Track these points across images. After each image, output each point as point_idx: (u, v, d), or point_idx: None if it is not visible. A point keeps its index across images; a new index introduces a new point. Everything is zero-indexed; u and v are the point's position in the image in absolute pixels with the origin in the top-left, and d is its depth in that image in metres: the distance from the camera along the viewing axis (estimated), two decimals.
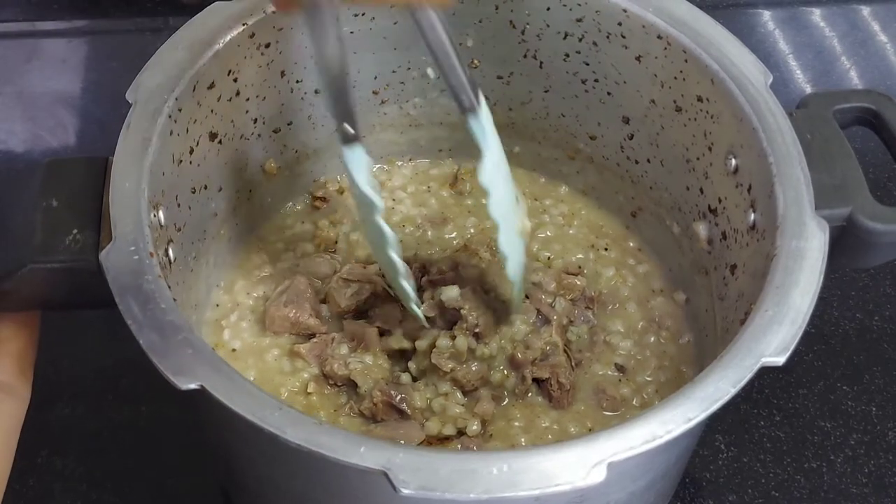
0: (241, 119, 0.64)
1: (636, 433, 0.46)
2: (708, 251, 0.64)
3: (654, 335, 0.67)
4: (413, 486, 0.44)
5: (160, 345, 0.47)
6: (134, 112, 0.55)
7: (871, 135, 0.61)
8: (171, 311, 0.48)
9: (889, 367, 0.73)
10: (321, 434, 0.45)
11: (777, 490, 0.67)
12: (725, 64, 0.59)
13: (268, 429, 0.45)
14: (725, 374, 0.48)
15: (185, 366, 0.46)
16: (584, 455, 0.45)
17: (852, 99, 0.60)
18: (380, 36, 0.67)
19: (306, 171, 0.72)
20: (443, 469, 0.44)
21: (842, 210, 0.55)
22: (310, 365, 0.64)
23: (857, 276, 0.78)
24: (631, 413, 0.64)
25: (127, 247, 0.50)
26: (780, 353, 0.48)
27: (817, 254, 0.52)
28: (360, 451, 0.44)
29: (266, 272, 0.69)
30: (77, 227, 0.53)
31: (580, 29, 0.65)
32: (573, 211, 0.74)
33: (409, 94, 0.71)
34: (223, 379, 0.46)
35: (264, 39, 0.62)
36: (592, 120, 0.70)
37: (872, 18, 0.98)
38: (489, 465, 0.45)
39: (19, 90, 0.88)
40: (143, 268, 0.50)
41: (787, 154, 0.55)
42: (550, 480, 0.44)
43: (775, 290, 0.51)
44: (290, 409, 0.46)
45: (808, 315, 0.50)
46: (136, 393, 0.69)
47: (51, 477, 0.66)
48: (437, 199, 0.75)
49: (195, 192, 0.61)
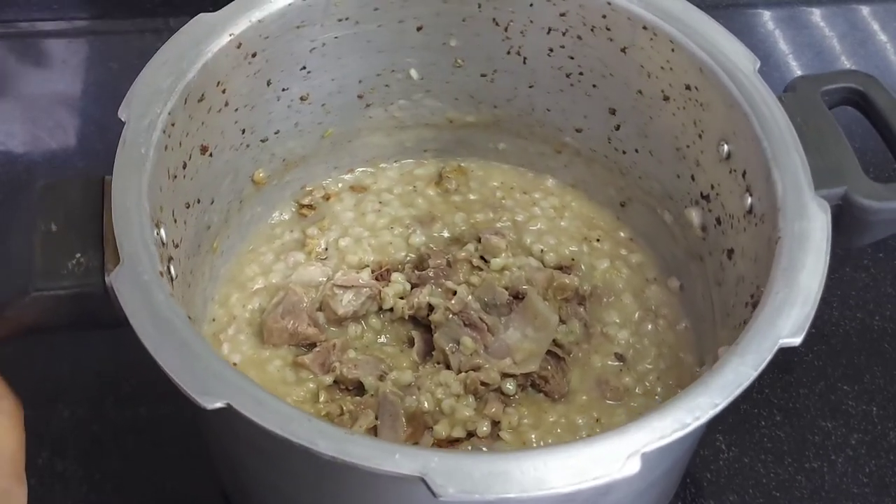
0: (230, 130, 0.63)
1: (665, 422, 0.46)
2: (702, 237, 0.65)
3: (650, 324, 0.68)
4: (451, 490, 0.43)
5: (181, 365, 0.46)
6: (128, 129, 0.54)
7: (855, 114, 0.62)
8: (188, 329, 0.48)
9: (889, 366, 0.74)
10: (353, 444, 0.45)
11: (778, 490, 0.67)
12: (713, 52, 0.60)
13: (300, 442, 0.44)
14: (744, 358, 0.48)
15: (209, 385, 0.46)
16: (616, 447, 0.45)
17: (838, 80, 0.61)
18: (364, 40, 0.67)
19: (293, 179, 0.72)
20: (478, 471, 0.44)
21: (837, 190, 0.56)
22: (314, 374, 0.64)
23: (857, 276, 0.78)
24: (635, 402, 0.64)
25: (136, 267, 0.49)
26: (796, 333, 0.49)
27: (821, 234, 0.53)
28: (395, 457, 0.44)
29: (260, 284, 0.69)
30: (79, 251, 0.52)
31: (564, 23, 0.66)
32: (563, 203, 0.74)
33: (394, 96, 0.71)
34: (248, 395, 0.46)
35: (251, 49, 0.61)
36: (579, 113, 0.70)
37: (872, 18, 0.99)
38: (523, 464, 0.45)
39: (19, 91, 0.88)
40: (153, 288, 0.49)
41: (781, 138, 0.56)
42: (586, 475, 0.45)
43: (783, 273, 0.51)
44: (320, 421, 0.45)
45: (818, 295, 0.50)
46: (137, 395, 0.69)
47: (51, 479, 0.66)
48: (424, 199, 0.74)
49: (189, 206, 0.60)
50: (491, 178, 0.76)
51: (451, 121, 0.74)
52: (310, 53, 0.65)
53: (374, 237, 0.71)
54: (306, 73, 0.66)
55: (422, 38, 0.68)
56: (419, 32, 0.68)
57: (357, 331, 0.67)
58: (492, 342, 0.65)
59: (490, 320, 0.65)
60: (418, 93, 0.71)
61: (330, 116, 0.70)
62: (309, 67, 0.66)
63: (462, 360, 0.64)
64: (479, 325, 0.65)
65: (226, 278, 0.68)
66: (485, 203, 0.74)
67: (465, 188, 0.75)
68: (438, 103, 0.72)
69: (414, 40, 0.68)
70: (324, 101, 0.69)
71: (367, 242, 0.71)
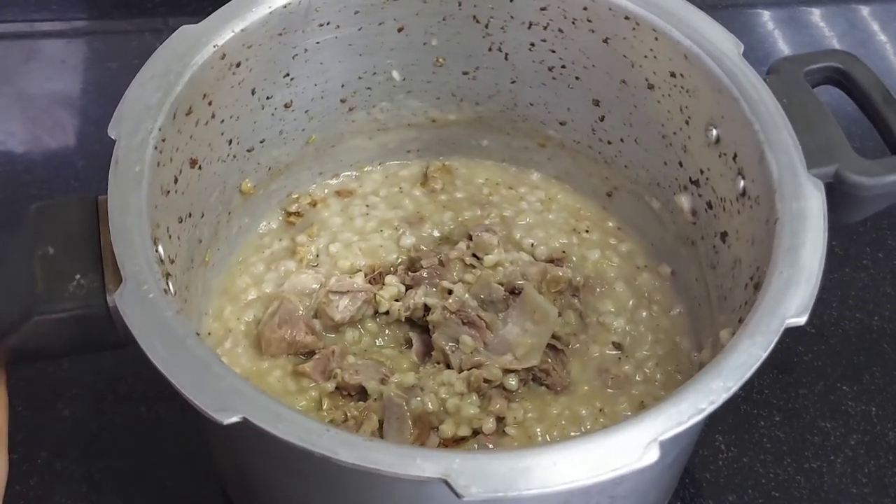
0: (217, 141, 0.63)
1: (681, 408, 0.46)
2: (693, 222, 0.66)
3: (645, 311, 0.68)
4: (474, 490, 0.44)
5: (193, 381, 0.46)
6: (119, 147, 0.54)
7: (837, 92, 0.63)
8: (198, 345, 0.47)
9: (889, 367, 0.74)
10: (373, 451, 0.44)
11: (777, 490, 0.67)
12: (697, 38, 0.61)
13: (320, 452, 0.44)
14: (753, 340, 0.49)
15: (224, 400, 0.45)
16: (635, 437, 0.46)
17: (820, 60, 0.62)
18: (345, 43, 0.66)
19: (279, 187, 0.71)
20: (500, 469, 0.44)
21: (829, 168, 0.57)
22: (316, 382, 0.63)
23: (857, 276, 0.79)
24: (636, 389, 0.65)
25: (139, 286, 0.49)
26: (801, 313, 0.50)
27: (818, 212, 0.53)
28: (417, 462, 0.44)
29: (252, 295, 0.68)
30: (79, 272, 0.51)
31: (545, 17, 0.66)
32: (550, 196, 0.74)
33: (375, 98, 0.71)
34: (264, 408, 0.45)
35: (235, 59, 0.61)
36: (562, 106, 0.71)
37: (872, 18, 0.99)
38: (543, 459, 0.45)
39: (18, 91, 0.87)
40: (159, 306, 0.48)
41: (771, 120, 0.57)
42: (607, 466, 0.45)
43: (785, 253, 0.52)
44: (338, 430, 0.45)
45: (820, 274, 0.51)
46: (136, 394, 0.69)
47: (51, 478, 0.65)
48: (410, 200, 0.74)
49: (182, 220, 0.60)
50: (476, 175, 0.76)
51: (434, 120, 0.74)
52: (292, 60, 0.65)
53: (364, 241, 0.71)
54: (289, 80, 0.66)
55: (402, 38, 0.68)
56: (400, 33, 0.67)
57: (355, 336, 0.66)
58: (491, 339, 0.65)
59: (488, 317, 0.65)
60: (400, 94, 0.71)
61: (313, 122, 0.70)
62: (292, 74, 0.66)
63: (462, 359, 0.64)
64: (478, 323, 0.65)
65: (218, 291, 0.68)
66: (472, 200, 0.74)
67: (451, 187, 0.75)
68: (420, 103, 0.72)
69: (395, 41, 0.68)
70: (307, 108, 0.68)
71: (357, 247, 0.71)
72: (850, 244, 0.80)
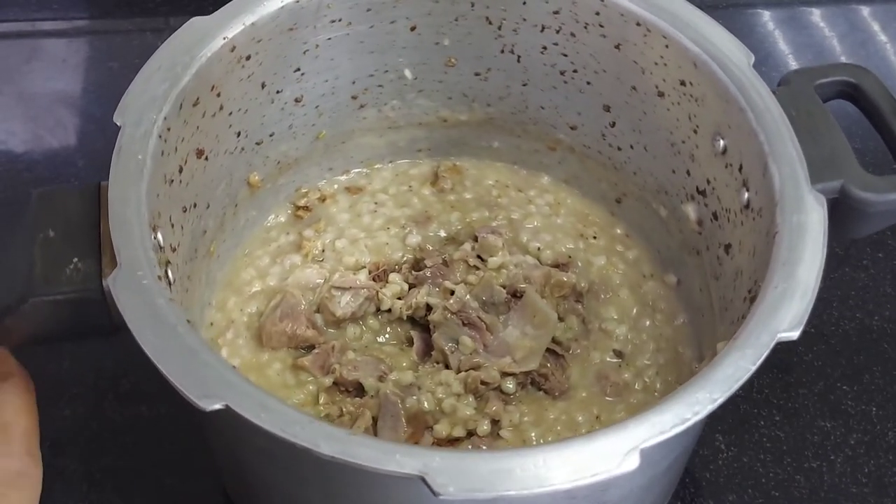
0: (224, 134, 0.63)
1: (665, 417, 0.46)
2: (698, 232, 0.65)
3: (648, 319, 0.68)
4: (452, 489, 0.43)
5: (180, 368, 0.46)
6: (123, 135, 0.54)
7: (849, 107, 0.62)
8: (187, 332, 0.48)
9: (889, 367, 0.73)
10: (355, 445, 0.45)
11: (777, 490, 0.67)
12: (707, 47, 0.60)
13: (301, 444, 0.44)
14: (743, 353, 0.49)
15: (209, 387, 0.46)
16: (616, 443, 0.45)
17: (832, 73, 0.61)
18: (356, 41, 0.67)
19: (287, 181, 0.72)
20: (478, 469, 0.44)
21: (834, 183, 0.56)
22: (314, 376, 0.64)
23: (857, 276, 0.78)
24: (634, 398, 0.64)
25: (133, 272, 0.49)
26: (794, 327, 0.49)
27: (818, 227, 0.53)
28: (396, 457, 0.44)
29: (257, 287, 0.68)
30: (77, 256, 0.51)
31: (557, 21, 0.66)
32: (558, 200, 0.74)
33: (387, 96, 0.71)
34: (249, 397, 0.46)
35: (245, 52, 0.61)
36: (572, 110, 0.70)
37: (872, 18, 0.99)
38: (524, 461, 0.45)
39: (19, 90, 0.88)
40: (152, 292, 0.49)
41: (777, 132, 0.56)
42: (586, 471, 0.45)
43: (782, 266, 0.51)
44: (321, 423, 0.45)
45: (816, 289, 0.51)
46: (137, 393, 0.69)
47: (51, 477, 0.64)
48: (419, 199, 0.74)
49: (186, 210, 0.60)
50: (485, 176, 0.76)
51: (445, 120, 0.74)
52: (303, 55, 0.65)
53: (371, 238, 0.71)
54: (300, 76, 0.66)
55: (414, 38, 0.68)
56: (412, 32, 0.68)
57: (356, 332, 0.67)
58: (491, 341, 0.65)
59: (489, 319, 0.65)
60: (411, 93, 0.71)
61: (323, 118, 0.70)
62: (302, 69, 0.66)
63: (462, 360, 0.64)
64: (478, 324, 0.65)
65: (222, 283, 0.68)
66: (480, 202, 0.74)
67: (460, 187, 0.75)
68: (431, 103, 0.72)
69: (406, 40, 0.68)
70: (317, 103, 0.69)
71: (363, 243, 0.71)
72: (850, 244, 0.80)
